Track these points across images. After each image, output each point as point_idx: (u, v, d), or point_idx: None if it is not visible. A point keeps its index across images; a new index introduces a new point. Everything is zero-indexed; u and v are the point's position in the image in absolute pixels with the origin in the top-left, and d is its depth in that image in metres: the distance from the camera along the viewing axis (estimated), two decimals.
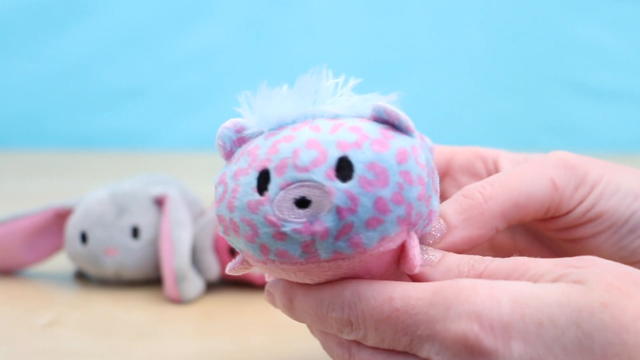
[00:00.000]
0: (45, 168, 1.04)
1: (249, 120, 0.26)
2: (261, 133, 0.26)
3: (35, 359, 0.38)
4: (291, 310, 0.27)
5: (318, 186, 0.23)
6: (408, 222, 0.24)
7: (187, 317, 0.45)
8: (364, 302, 0.24)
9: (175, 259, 0.46)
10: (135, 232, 0.48)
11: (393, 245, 0.24)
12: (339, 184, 0.23)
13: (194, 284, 0.47)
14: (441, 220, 0.27)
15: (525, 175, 0.28)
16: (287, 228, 0.23)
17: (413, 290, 0.24)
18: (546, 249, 0.33)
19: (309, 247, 0.23)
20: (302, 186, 0.23)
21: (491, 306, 0.22)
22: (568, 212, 0.29)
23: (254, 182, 0.24)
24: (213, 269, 0.48)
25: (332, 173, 0.23)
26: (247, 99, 0.26)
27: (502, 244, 0.34)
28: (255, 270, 0.27)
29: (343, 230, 0.23)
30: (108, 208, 0.49)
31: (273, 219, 0.23)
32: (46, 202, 0.51)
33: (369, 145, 0.23)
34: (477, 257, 0.26)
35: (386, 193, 0.23)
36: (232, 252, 0.48)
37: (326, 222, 0.23)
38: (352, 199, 0.23)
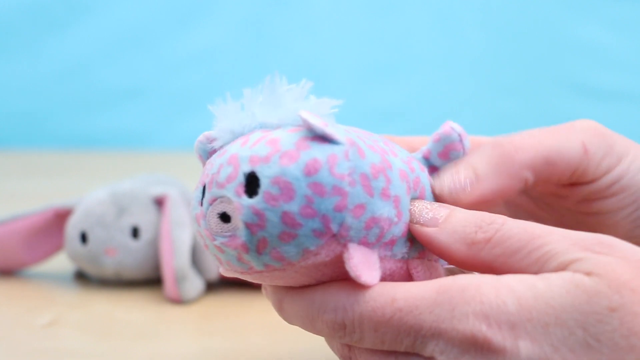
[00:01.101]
0: (45, 168, 1.04)
1: (218, 131, 0.27)
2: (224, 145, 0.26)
3: (35, 359, 0.38)
4: (281, 311, 0.27)
5: (230, 202, 0.24)
6: (331, 235, 0.23)
7: (187, 317, 0.45)
8: (363, 304, 0.24)
9: (175, 259, 0.46)
10: (135, 232, 0.49)
11: (323, 257, 0.24)
12: (245, 200, 0.23)
13: (194, 284, 0.47)
14: (470, 171, 0.27)
15: (557, 133, 0.28)
16: (217, 242, 0.24)
17: (415, 290, 0.23)
18: (561, 221, 0.32)
19: (242, 259, 0.24)
20: (222, 202, 0.24)
21: (498, 306, 0.22)
22: (593, 181, 0.29)
23: (199, 196, 0.25)
24: (213, 269, 0.48)
25: (241, 189, 0.23)
26: (215, 110, 0.27)
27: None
28: None
29: (260, 245, 0.23)
30: (108, 208, 0.49)
31: (207, 232, 0.24)
32: (46, 202, 0.51)
33: (277, 159, 0.23)
34: (486, 216, 0.25)
35: (292, 207, 0.23)
36: None
37: (242, 236, 0.23)
38: (258, 214, 0.23)
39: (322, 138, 0.24)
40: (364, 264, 0.24)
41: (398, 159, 0.26)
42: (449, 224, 0.25)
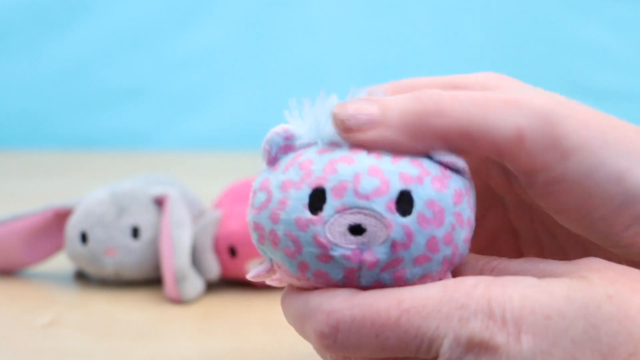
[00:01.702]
0: (45, 168, 1.04)
1: (300, 129, 0.25)
2: (312, 145, 0.25)
3: (35, 359, 0.38)
4: (282, 308, 0.26)
5: (377, 216, 0.23)
6: (450, 263, 0.24)
7: (187, 317, 0.45)
8: (366, 307, 0.23)
9: (175, 259, 0.46)
10: (135, 232, 0.48)
11: (431, 281, 0.24)
12: (398, 218, 0.23)
13: (194, 284, 0.47)
14: (378, 109, 0.24)
15: (493, 107, 0.24)
16: (336, 252, 0.23)
17: (421, 290, 0.23)
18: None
19: (352, 273, 0.23)
20: (359, 213, 0.23)
21: (504, 302, 0.22)
22: (528, 172, 0.25)
23: (305, 199, 0.23)
24: (213, 269, 0.48)
25: (393, 205, 0.23)
26: (299, 105, 0.25)
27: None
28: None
29: (391, 264, 0.23)
30: (108, 208, 0.49)
31: (323, 240, 0.23)
32: (46, 202, 0.51)
33: (429, 182, 0.23)
34: (490, 258, 0.26)
35: (440, 233, 0.23)
36: (232, 253, 0.48)
37: (378, 253, 0.23)
38: (409, 234, 0.23)
39: (453, 169, 0.24)
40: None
41: None
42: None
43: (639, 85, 1.22)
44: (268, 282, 0.27)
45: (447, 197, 0.23)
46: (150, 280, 0.50)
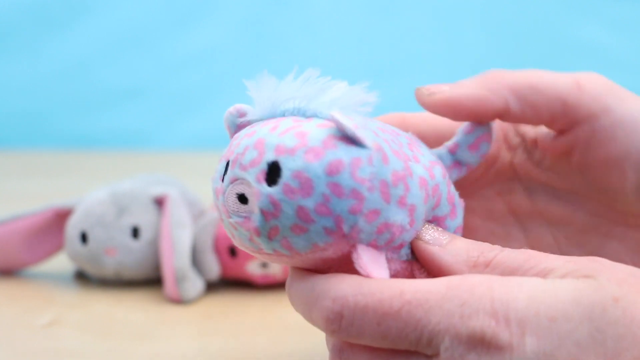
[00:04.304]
0: (45, 168, 1.04)
1: (247, 107, 0.27)
2: (258, 121, 0.27)
3: (35, 359, 0.38)
4: (289, 296, 0.26)
5: (250, 186, 0.24)
6: (342, 235, 0.24)
7: (187, 317, 0.45)
8: (369, 296, 0.23)
9: (175, 259, 0.46)
10: (135, 232, 0.48)
11: (330, 253, 0.24)
12: (264, 188, 0.24)
13: (194, 284, 0.47)
14: (452, 83, 0.28)
15: (550, 72, 0.28)
16: (233, 220, 0.25)
17: (424, 284, 0.23)
18: (566, 204, 0.32)
19: (253, 240, 0.25)
20: (242, 183, 0.24)
21: (508, 302, 0.22)
22: (589, 118, 0.27)
23: (222, 171, 0.26)
24: (213, 269, 0.48)
25: (262, 176, 0.24)
26: (252, 85, 0.27)
27: (520, 206, 0.33)
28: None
29: (272, 232, 0.24)
30: (108, 208, 0.49)
31: (224, 208, 0.25)
32: (46, 202, 0.51)
33: (302, 154, 0.24)
34: (487, 245, 0.25)
35: (308, 203, 0.23)
36: (232, 252, 0.48)
37: (255, 221, 0.24)
38: (274, 204, 0.24)
39: (351, 139, 0.24)
40: (373, 263, 0.24)
41: (420, 166, 0.26)
42: (454, 246, 0.25)
43: (639, 85, 1.22)
44: None
45: (317, 168, 0.23)
46: (150, 280, 0.50)
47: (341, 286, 0.24)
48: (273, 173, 0.24)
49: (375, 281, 0.24)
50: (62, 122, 1.23)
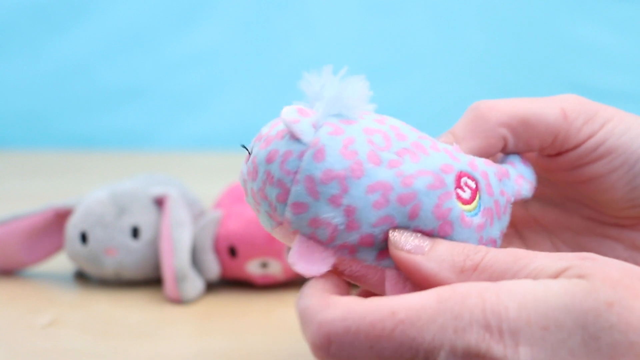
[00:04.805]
0: (45, 168, 1.04)
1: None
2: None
3: (35, 359, 0.38)
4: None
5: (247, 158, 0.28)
6: (279, 221, 0.26)
7: (187, 317, 0.45)
8: (359, 320, 0.22)
9: (175, 259, 0.46)
10: (135, 232, 0.48)
11: (279, 236, 0.27)
12: (244, 165, 0.28)
13: (194, 284, 0.47)
14: (450, 136, 0.29)
15: (535, 100, 0.30)
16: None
17: (414, 301, 0.23)
18: (560, 210, 0.32)
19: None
20: None
21: (499, 312, 0.22)
22: (577, 146, 0.29)
23: None
24: (213, 269, 0.48)
25: (247, 156, 0.28)
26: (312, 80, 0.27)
27: (515, 215, 0.33)
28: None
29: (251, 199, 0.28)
30: (108, 208, 0.49)
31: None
32: (46, 202, 0.51)
33: (260, 141, 0.27)
34: (471, 247, 0.25)
35: (254, 186, 0.27)
36: (232, 253, 0.48)
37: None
38: (243, 180, 0.28)
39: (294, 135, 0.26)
40: (302, 255, 0.25)
41: (390, 171, 0.25)
42: (436, 252, 0.25)
43: (639, 85, 1.22)
44: None
45: (262, 155, 0.26)
46: (150, 280, 0.50)
47: (328, 310, 0.23)
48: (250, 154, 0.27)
49: (364, 303, 0.23)
50: (62, 122, 1.23)
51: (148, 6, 1.24)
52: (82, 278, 0.52)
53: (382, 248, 0.26)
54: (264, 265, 0.47)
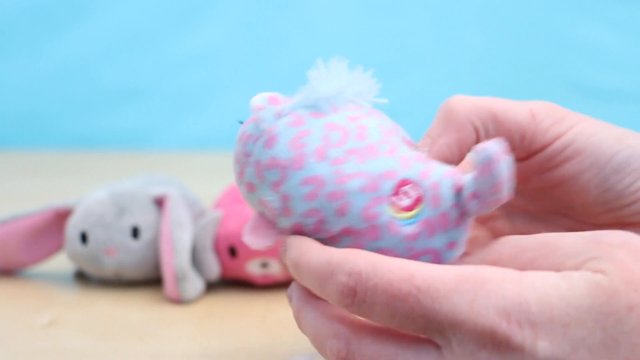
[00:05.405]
0: (45, 168, 1.04)
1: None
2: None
3: (35, 359, 0.38)
4: (296, 267, 0.26)
5: None
6: (242, 197, 0.30)
7: (187, 317, 0.45)
8: (380, 275, 0.23)
9: (175, 259, 0.46)
10: (135, 232, 0.48)
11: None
12: None
13: (194, 284, 0.47)
14: (427, 137, 0.30)
15: (506, 100, 0.30)
16: None
17: (435, 272, 0.23)
18: (544, 224, 0.33)
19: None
20: None
21: (520, 304, 0.22)
22: (545, 147, 0.30)
23: None
24: (213, 269, 0.48)
25: None
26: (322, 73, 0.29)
27: (503, 230, 0.33)
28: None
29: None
30: (108, 208, 0.49)
31: None
32: (46, 202, 0.51)
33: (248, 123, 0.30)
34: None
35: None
36: (232, 253, 0.48)
37: None
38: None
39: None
40: (252, 229, 0.29)
41: (330, 167, 0.26)
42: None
43: (639, 85, 1.22)
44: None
45: (238, 134, 0.29)
46: (150, 280, 0.50)
47: (357, 261, 0.24)
48: None
49: (389, 260, 0.24)
50: (62, 122, 1.23)
51: (148, 6, 1.24)
52: (82, 278, 0.52)
53: (314, 238, 0.27)
54: (264, 265, 0.47)
